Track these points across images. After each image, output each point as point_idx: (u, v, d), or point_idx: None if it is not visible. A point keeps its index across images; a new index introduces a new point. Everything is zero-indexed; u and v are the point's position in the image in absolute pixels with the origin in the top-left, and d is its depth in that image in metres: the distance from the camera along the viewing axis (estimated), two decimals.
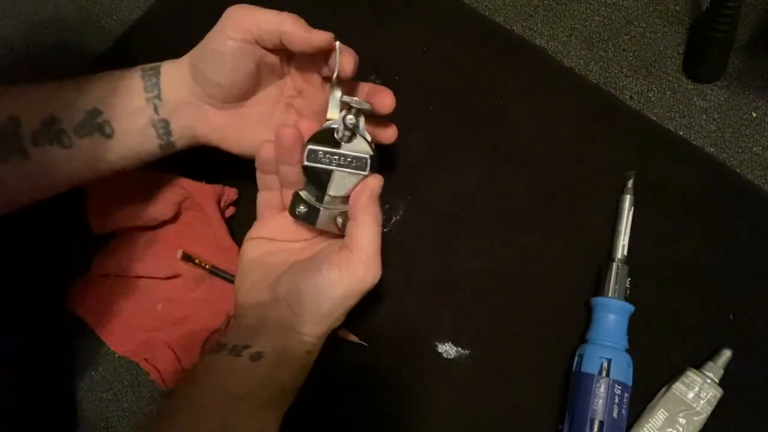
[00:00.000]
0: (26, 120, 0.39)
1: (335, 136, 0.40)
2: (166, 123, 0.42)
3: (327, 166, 0.40)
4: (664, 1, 0.55)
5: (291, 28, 0.39)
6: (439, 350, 0.46)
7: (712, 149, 0.50)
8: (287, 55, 0.43)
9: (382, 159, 0.50)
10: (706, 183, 0.48)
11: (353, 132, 0.40)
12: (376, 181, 0.40)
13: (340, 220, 0.41)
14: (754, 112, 0.50)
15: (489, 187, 0.50)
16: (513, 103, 0.52)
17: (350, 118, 0.39)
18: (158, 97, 0.41)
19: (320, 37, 0.39)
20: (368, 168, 0.40)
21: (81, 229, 0.48)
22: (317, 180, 0.40)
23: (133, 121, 0.41)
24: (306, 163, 0.40)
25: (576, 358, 0.43)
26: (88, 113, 0.40)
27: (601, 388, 0.40)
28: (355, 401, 0.46)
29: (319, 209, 0.41)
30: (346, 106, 0.40)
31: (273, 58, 0.42)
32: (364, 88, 0.44)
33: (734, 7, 0.46)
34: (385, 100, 0.42)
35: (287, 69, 0.44)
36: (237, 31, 0.39)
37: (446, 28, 0.56)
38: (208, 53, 0.40)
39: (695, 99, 0.51)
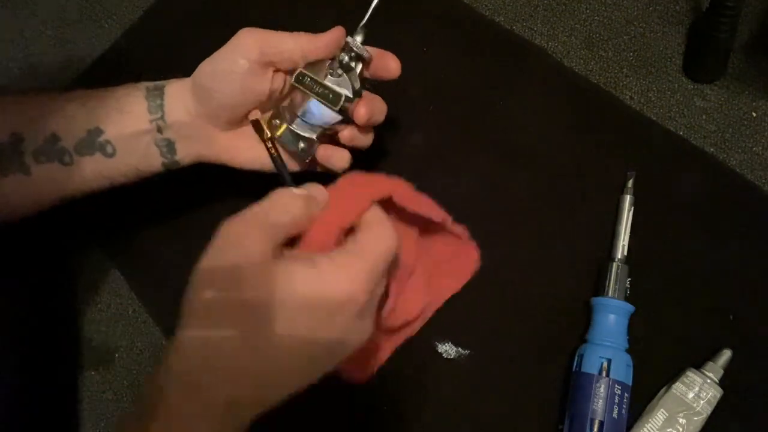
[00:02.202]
0: (29, 136, 0.39)
1: (328, 69, 0.41)
2: (170, 143, 0.42)
3: (307, 91, 0.40)
4: (664, 1, 0.55)
5: (312, 45, 0.39)
6: (439, 350, 0.46)
7: (712, 149, 0.50)
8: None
9: (383, 157, 0.51)
10: (706, 183, 0.48)
11: (344, 72, 0.40)
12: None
13: (302, 145, 0.41)
14: (754, 112, 0.50)
15: (489, 187, 0.50)
16: (513, 103, 0.52)
17: (345, 58, 0.40)
18: (162, 118, 0.41)
19: (336, 35, 0.40)
20: (340, 105, 0.40)
21: (80, 228, 0.48)
22: (297, 102, 0.41)
23: (136, 141, 0.41)
24: (293, 82, 0.40)
25: (576, 358, 0.43)
26: (90, 132, 0.40)
27: (601, 388, 0.40)
28: (354, 401, 0.45)
29: (288, 126, 0.41)
30: (348, 47, 0.40)
31: (283, 79, 0.42)
32: (374, 51, 0.43)
33: (734, 7, 0.46)
34: (389, 64, 0.42)
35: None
36: (251, 52, 0.39)
37: (446, 28, 0.56)
38: (217, 73, 0.40)
39: (695, 99, 0.51)
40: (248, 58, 0.39)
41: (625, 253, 0.45)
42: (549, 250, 0.48)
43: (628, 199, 0.46)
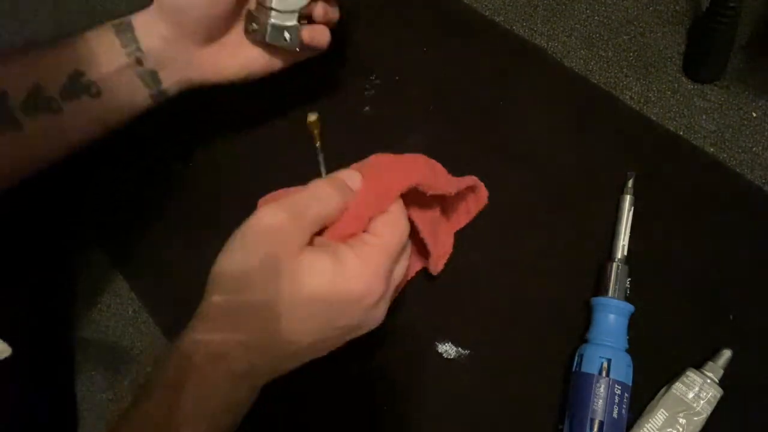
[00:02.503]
0: (12, 91, 0.39)
1: None
2: (153, 73, 0.41)
3: None
4: (664, 1, 0.55)
5: None
6: (439, 350, 0.46)
7: (712, 149, 0.50)
8: None
9: None
10: (706, 183, 0.48)
11: None
12: None
13: (287, 34, 0.42)
14: (754, 112, 0.50)
15: (489, 187, 0.50)
16: (513, 103, 0.52)
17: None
18: (138, 49, 0.41)
19: None
20: None
21: (80, 228, 0.48)
22: None
23: (118, 76, 0.41)
24: None
25: (576, 358, 0.43)
26: (71, 76, 0.40)
27: (601, 388, 0.40)
28: (355, 401, 0.45)
29: (267, 24, 0.42)
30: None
31: None
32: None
33: (734, 7, 0.46)
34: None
35: None
36: None
37: (446, 28, 0.56)
38: None
39: (695, 99, 0.51)
40: None
41: (625, 253, 0.45)
42: (549, 250, 0.48)
43: (628, 199, 0.46)
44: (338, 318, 0.34)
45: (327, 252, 0.34)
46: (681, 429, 0.40)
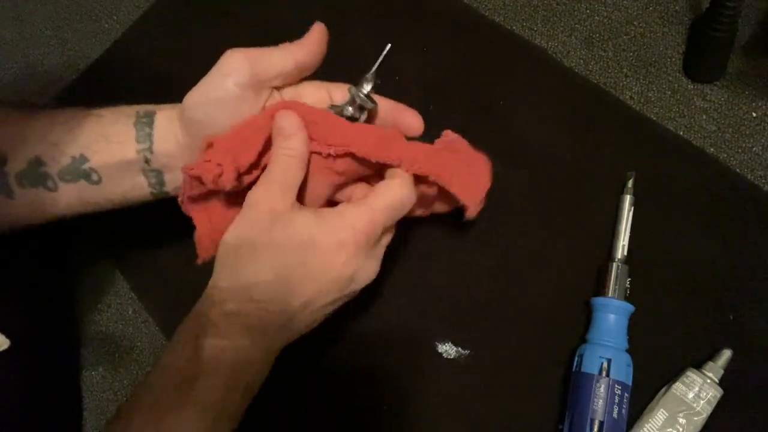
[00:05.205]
0: (13, 159, 0.39)
1: None
2: (159, 173, 0.40)
3: None
4: (664, 1, 0.55)
5: (301, 50, 0.38)
6: (439, 350, 0.46)
7: (712, 149, 0.50)
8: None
9: None
10: (706, 183, 0.48)
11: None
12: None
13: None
14: (754, 112, 0.50)
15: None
16: (513, 103, 0.52)
17: (349, 110, 0.40)
18: (150, 149, 0.39)
19: (319, 31, 0.39)
20: None
21: (81, 228, 0.48)
22: None
23: (122, 170, 0.40)
24: None
25: (576, 358, 0.43)
26: (75, 159, 0.39)
27: (601, 388, 0.40)
28: (355, 401, 0.46)
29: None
30: (351, 99, 0.40)
31: (280, 98, 0.40)
32: (392, 104, 0.43)
33: (734, 7, 0.46)
34: (411, 122, 0.42)
35: None
36: (241, 75, 0.37)
37: (446, 28, 0.56)
38: (208, 103, 0.37)
39: (695, 99, 0.51)
40: (238, 83, 0.37)
41: (625, 253, 0.45)
42: (549, 250, 0.48)
43: (628, 199, 0.46)
44: (326, 267, 0.36)
45: (308, 209, 0.37)
46: (681, 429, 0.40)
